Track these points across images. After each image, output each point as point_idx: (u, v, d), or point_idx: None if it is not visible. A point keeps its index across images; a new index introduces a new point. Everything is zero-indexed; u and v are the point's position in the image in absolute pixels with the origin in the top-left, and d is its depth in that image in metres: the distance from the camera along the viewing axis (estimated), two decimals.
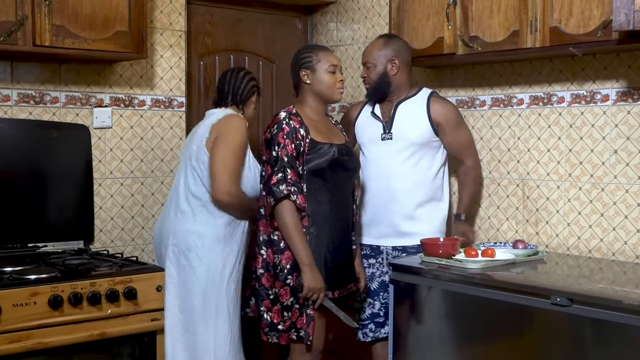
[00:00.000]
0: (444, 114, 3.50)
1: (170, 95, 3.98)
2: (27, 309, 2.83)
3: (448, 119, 3.51)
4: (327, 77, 3.23)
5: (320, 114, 3.30)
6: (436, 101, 3.54)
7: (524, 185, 3.60)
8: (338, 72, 3.25)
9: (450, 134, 3.52)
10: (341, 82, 3.26)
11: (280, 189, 3.05)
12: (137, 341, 3.13)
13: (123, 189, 3.84)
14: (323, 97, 3.27)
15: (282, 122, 3.14)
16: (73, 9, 3.25)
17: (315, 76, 3.23)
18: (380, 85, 3.52)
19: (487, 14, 3.32)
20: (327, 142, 3.19)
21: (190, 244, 3.30)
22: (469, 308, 2.92)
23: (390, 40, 3.56)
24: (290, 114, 3.18)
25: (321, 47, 3.35)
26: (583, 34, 2.99)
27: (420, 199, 3.49)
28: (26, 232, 3.48)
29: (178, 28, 4.01)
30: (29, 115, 3.54)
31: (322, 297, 3.09)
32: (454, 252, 3.12)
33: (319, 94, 3.25)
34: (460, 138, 3.57)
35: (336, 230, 3.22)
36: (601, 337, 2.55)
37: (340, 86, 3.25)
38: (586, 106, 3.37)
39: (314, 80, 3.23)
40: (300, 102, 3.29)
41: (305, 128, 3.15)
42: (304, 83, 3.25)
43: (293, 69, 3.31)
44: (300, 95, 3.30)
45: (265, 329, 3.16)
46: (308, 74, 3.24)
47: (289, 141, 3.09)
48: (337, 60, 3.31)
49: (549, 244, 3.50)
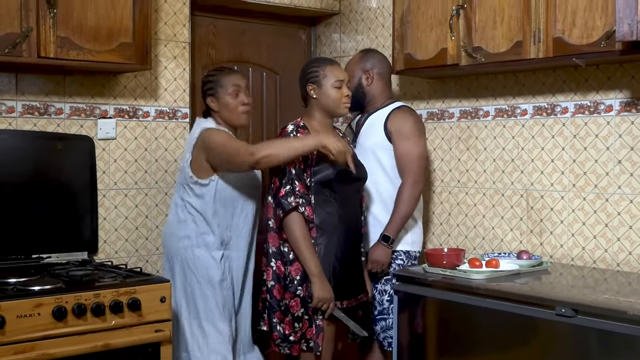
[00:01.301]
0: (398, 123, 3.56)
1: (174, 106, 3.99)
2: (31, 320, 2.82)
3: (399, 128, 3.55)
4: (333, 92, 3.25)
5: (327, 126, 3.33)
6: (398, 112, 3.60)
7: (528, 196, 3.60)
8: (344, 86, 3.28)
9: (397, 144, 3.55)
10: (347, 97, 3.28)
11: (289, 201, 3.09)
12: (141, 352, 3.11)
13: (127, 200, 3.85)
14: (329, 111, 3.29)
15: (289, 134, 3.19)
16: (78, 21, 3.26)
17: (322, 91, 3.26)
18: (356, 96, 3.60)
19: (491, 24, 3.32)
20: None
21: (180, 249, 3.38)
22: (473, 319, 2.92)
23: (367, 54, 3.73)
24: (297, 126, 3.22)
25: (328, 62, 3.36)
26: (586, 45, 3.00)
27: (379, 206, 3.58)
28: (30, 243, 3.48)
29: (182, 39, 4.02)
30: (34, 126, 3.55)
31: (332, 307, 3.12)
32: (458, 262, 3.12)
33: (325, 108, 3.28)
34: (404, 151, 3.53)
35: (345, 240, 3.24)
36: (606, 347, 2.54)
37: (346, 101, 3.28)
38: (590, 116, 3.37)
39: (320, 95, 3.26)
40: (307, 115, 3.32)
41: None
42: (310, 97, 3.29)
43: (301, 82, 3.34)
44: (308, 108, 3.34)
45: (277, 340, 3.19)
46: (314, 89, 3.27)
47: None
48: (344, 74, 3.33)
49: (553, 255, 3.49)
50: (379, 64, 3.69)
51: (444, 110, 3.97)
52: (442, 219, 3.98)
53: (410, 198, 3.50)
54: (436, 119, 4.01)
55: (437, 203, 4.01)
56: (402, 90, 4.19)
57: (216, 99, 3.33)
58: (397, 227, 3.50)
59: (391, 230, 3.49)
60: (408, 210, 3.51)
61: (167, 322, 3.18)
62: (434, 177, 4.03)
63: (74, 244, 3.61)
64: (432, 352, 3.14)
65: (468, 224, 3.86)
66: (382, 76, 3.69)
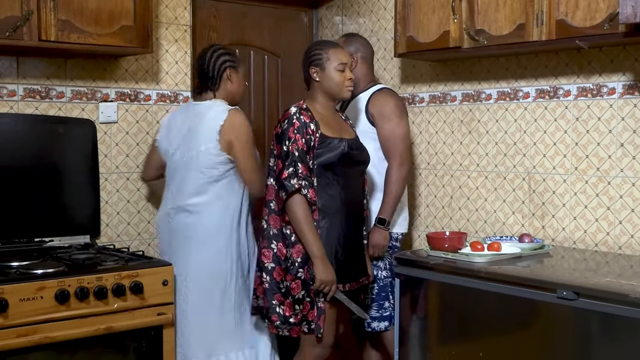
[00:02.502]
0: (379, 105, 3.58)
1: (175, 89, 3.98)
2: (33, 303, 2.83)
3: (381, 110, 3.56)
4: (336, 75, 3.25)
5: (330, 109, 3.33)
6: (378, 94, 3.62)
7: (530, 179, 3.60)
8: (347, 69, 3.27)
9: (380, 126, 3.57)
10: (350, 81, 3.28)
11: (292, 183, 3.08)
12: (143, 335, 3.13)
13: (129, 183, 3.85)
14: (332, 95, 3.29)
15: (292, 117, 3.17)
16: (78, 4, 3.25)
17: (325, 74, 3.25)
18: None
19: (493, 7, 3.31)
20: (337, 136, 3.23)
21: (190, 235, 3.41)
22: (475, 302, 2.92)
23: (350, 38, 3.75)
24: (300, 109, 3.21)
25: (331, 44, 3.34)
26: (589, 27, 2.98)
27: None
28: (32, 226, 3.49)
29: (183, 22, 4.01)
30: (35, 110, 3.54)
31: (334, 289, 3.13)
32: (460, 246, 3.12)
33: (327, 91, 3.27)
34: (387, 132, 3.55)
35: (347, 223, 3.24)
36: (607, 330, 2.55)
37: (349, 84, 3.27)
38: (592, 99, 3.36)
39: (323, 78, 3.26)
40: (310, 98, 3.32)
41: (315, 123, 3.18)
42: (313, 80, 3.28)
43: (304, 64, 3.33)
44: (311, 91, 3.33)
45: (276, 322, 3.19)
46: (317, 72, 3.26)
47: (300, 136, 3.13)
48: (348, 57, 3.31)
49: (555, 238, 3.49)
50: (362, 47, 3.72)
51: (446, 94, 3.96)
52: (444, 202, 3.98)
53: (399, 179, 3.52)
54: (438, 102, 4.00)
55: (439, 186, 4.01)
56: (404, 74, 4.17)
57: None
58: (391, 208, 3.52)
59: (385, 213, 3.51)
60: (398, 191, 3.53)
61: (169, 305, 3.19)
62: (435, 160, 4.02)
63: (76, 228, 3.62)
64: (433, 335, 3.15)
65: (470, 207, 3.86)
66: (366, 60, 3.71)
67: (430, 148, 4.05)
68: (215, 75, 3.47)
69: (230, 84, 3.50)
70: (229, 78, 3.49)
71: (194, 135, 3.40)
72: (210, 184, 3.38)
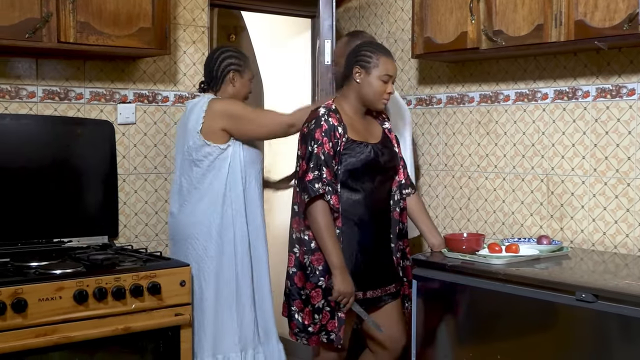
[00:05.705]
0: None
1: (193, 91, 4.00)
2: (52, 303, 2.85)
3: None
4: (378, 84, 3.10)
5: (360, 112, 3.20)
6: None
7: (548, 181, 3.58)
8: (390, 83, 3.12)
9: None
10: (388, 95, 3.14)
11: (316, 188, 2.98)
12: (161, 336, 3.14)
13: (147, 184, 3.86)
14: (366, 101, 3.16)
15: (320, 118, 3.05)
16: (97, 6, 3.27)
17: (367, 79, 3.10)
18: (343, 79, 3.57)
19: (511, 7, 3.29)
20: (363, 141, 3.12)
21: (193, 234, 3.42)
22: (493, 304, 2.91)
23: (354, 36, 3.69)
24: (329, 110, 3.08)
25: (385, 51, 3.17)
26: (608, 28, 2.96)
27: None
28: (51, 227, 3.51)
29: (201, 24, 4.02)
30: (54, 111, 3.57)
31: (351, 301, 3.03)
32: (478, 247, 3.11)
33: (364, 96, 3.14)
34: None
35: (370, 229, 3.15)
36: (627, 333, 2.53)
37: (387, 97, 3.14)
38: (612, 100, 3.33)
39: (363, 81, 3.11)
40: (342, 96, 3.20)
41: (343, 126, 3.07)
42: (353, 79, 3.14)
43: (348, 59, 3.19)
44: (345, 89, 3.19)
45: (295, 329, 3.13)
46: (361, 73, 3.11)
47: (327, 139, 3.02)
48: (395, 71, 3.16)
49: (573, 240, 3.47)
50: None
51: (463, 95, 3.95)
52: (462, 203, 3.97)
53: None
54: (456, 104, 3.99)
55: (457, 188, 3.99)
56: (422, 75, 4.17)
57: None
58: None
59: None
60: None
61: (187, 305, 3.20)
62: (453, 161, 4.01)
63: (94, 228, 3.64)
64: (451, 338, 3.14)
65: (488, 208, 3.85)
66: None
67: (447, 149, 4.03)
68: (218, 77, 3.48)
69: (232, 87, 3.49)
70: (231, 81, 3.49)
71: (185, 132, 3.45)
72: (204, 176, 3.40)
